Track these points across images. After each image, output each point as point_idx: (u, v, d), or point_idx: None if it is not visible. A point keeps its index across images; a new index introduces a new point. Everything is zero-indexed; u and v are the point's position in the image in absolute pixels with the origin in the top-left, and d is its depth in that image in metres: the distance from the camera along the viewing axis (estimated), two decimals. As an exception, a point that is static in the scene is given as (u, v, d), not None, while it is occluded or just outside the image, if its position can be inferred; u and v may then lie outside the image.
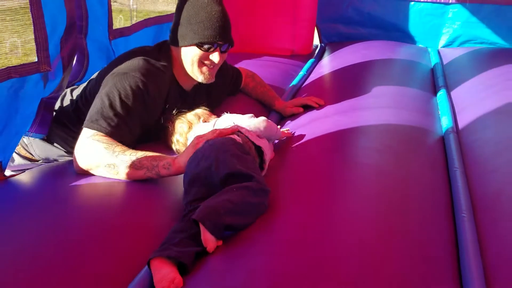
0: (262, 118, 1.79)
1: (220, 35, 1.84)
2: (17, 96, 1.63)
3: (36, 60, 1.68)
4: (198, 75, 1.89)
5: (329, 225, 1.37)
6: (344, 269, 1.19)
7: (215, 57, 1.87)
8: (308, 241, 1.29)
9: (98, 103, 1.71)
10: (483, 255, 1.31)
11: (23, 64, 1.64)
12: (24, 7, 1.68)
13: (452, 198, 1.60)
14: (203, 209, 1.28)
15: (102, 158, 1.59)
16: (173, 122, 1.83)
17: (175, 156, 1.61)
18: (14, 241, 1.28)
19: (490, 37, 3.56)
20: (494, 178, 1.64)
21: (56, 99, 1.97)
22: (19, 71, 1.61)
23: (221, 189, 1.38)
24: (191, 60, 1.86)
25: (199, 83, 1.96)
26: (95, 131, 1.65)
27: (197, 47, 1.83)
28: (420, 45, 3.74)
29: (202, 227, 1.25)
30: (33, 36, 1.68)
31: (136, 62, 1.79)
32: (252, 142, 1.61)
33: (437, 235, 1.41)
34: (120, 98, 1.70)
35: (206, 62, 1.87)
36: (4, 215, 1.42)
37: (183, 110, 1.87)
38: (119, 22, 2.55)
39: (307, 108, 2.30)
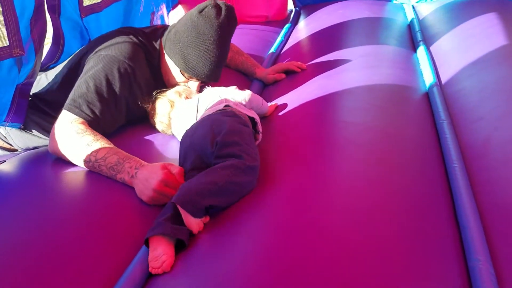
0: (248, 91, 1.75)
1: (208, 77, 1.78)
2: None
3: (8, 44, 1.61)
4: (169, 86, 1.84)
5: (322, 187, 1.37)
6: (341, 230, 1.19)
7: (193, 86, 1.81)
8: (302, 205, 1.29)
9: (83, 85, 1.63)
10: (478, 202, 1.33)
11: (-6, 49, 1.58)
12: None
13: (442, 150, 1.61)
14: (184, 193, 1.24)
15: (71, 146, 1.52)
16: (153, 103, 1.77)
17: (136, 170, 1.43)
18: None
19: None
20: (481, 126, 1.65)
21: (31, 85, 1.89)
22: (-9, 56, 1.55)
23: (213, 159, 1.36)
24: (170, 73, 1.81)
25: None
26: (76, 116, 1.58)
27: (181, 73, 1.79)
28: (395, 2, 3.71)
29: (182, 211, 1.23)
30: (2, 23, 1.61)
31: (125, 45, 1.71)
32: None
33: (430, 187, 1.43)
34: (107, 82, 1.63)
35: (182, 83, 1.83)
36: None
37: (162, 89, 1.81)
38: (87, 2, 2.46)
39: (289, 73, 2.28)
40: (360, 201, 1.31)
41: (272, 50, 2.77)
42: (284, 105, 1.91)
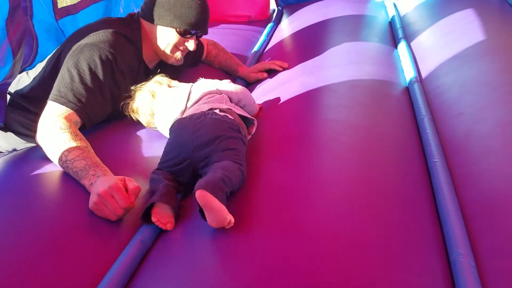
0: (241, 86, 1.77)
1: (201, 26, 1.81)
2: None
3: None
4: (169, 57, 1.85)
5: (304, 184, 1.37)
6: (323, 226, 1.19)
7: (191, 44, 1.83)
8: (284, 202, 1.29)
9: (66, 76, 1.62)
10: (459, 196, 1.34)
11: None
12: None
13: (423, 145, 1.62)
14: (209, 182, 1.21)
15: (49, 141, 1.50)
16: (133, 96, 1.76)
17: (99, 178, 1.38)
18: None
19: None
20: (462, 121, 1.66)
21: (9, 85, 1.86)
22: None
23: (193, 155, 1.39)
24: (165, 42, 1.81)
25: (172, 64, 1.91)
26: (64, 107, 1.57)
27: (176, 32, 1.78)
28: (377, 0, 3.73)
29: (214, 200, 1.16)
30: None
31: (104, 33, 1.71)
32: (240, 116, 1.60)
33: (410, 182, 1.43)
34: (90, 70, 1.63)
35: (181, 47, 1.82)
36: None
37: (141, 83, 1.79)
38: (65, 1, 2.42)
39: (271, 72, 2.27)
40: (341, 197, 1.31)
41: (255, 49, 2.77)
42: (268, 101, 1.91)
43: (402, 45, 2.54)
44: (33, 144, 1.90)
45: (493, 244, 1.14)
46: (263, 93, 2.07)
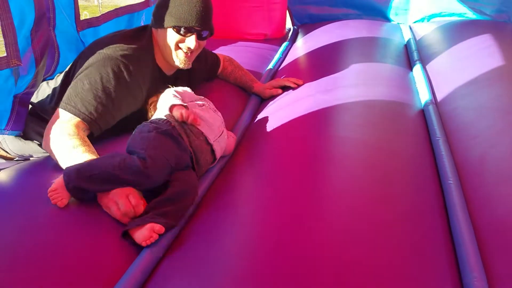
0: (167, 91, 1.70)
1: (198, 21, 1.80)
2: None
3: (5, 54, 1.62)
4: (174, 59, 1.86)
5: (316, 199, 1.37)
6: (335, 244, 1.19)
7: (190, 42, 1.82)
8: (297, 219, 1.29)
9: (78, 85, 1.65)
10: (473, 219, 1.32)
11: (-7, 59, 1.58)
12: None
13: (437, 167, 1.61)
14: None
15: (58, 146, 1.53)
16: (154, 103, 1.76)
17: None
18: None
19: (460, 10, 3.59)
20: (476, 144, 1.66)
21: (31, 94, 1.90)
22: (-11, 66, 1.56)
23: None
24: (167, 43, 1.82)
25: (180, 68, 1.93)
26: (72, 115, 1.60)
27: (174, 30, 1.80)
28: (393, 22, 3.76)
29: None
30: None
31: (117, 44, 1.74)
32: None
33: (425, 204, 1.43)
34: (102, 81, 1.65)
35: (181, 46, 1.84)
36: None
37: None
38: (85, 17, 2.48)
39: (286, 88, 2.29)
40: (355, 216, 1.30)
41: (270, 66, 2.79)
42: (282, 117, 1.91)
43: (417, 68, 2.55)
44: (44, 153, 1.92)
45: (507, 268, 1.12)
46: (277, 109, 2.08)
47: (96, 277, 1.15)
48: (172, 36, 1.81)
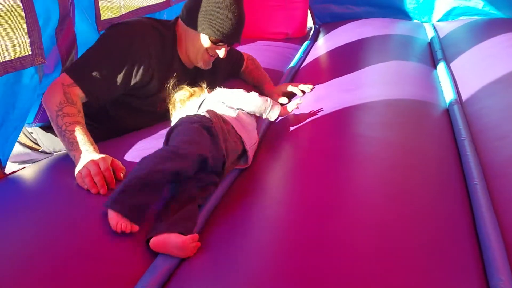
0: (253, 93, 1.77)
1: (233, 37, 1.85)
2: (14, 91, 1.60)
3: (30, 53, 1.63)
4: (198, 61, 1.88)
5: (340, 201, 1.36)
6: (360, 246, 1.17)
7: (221, 52, 1.87)
8: (320, 218, 1.27)
9: (86, 54, 1.74)
10: (499, 221, 1.29)
11: (18, 58, 1.59)
12: (9, 11, 1.64)
13: (463, 168, 1.58)
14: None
15: (55, 108, 1.61)
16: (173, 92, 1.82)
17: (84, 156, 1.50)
18: (12, 245, 1.21)
19: (484, 8, 3.53)
20: (503, 145, 1.62)
21: None
22: (15, 65, 1.57)
23: None
24: (197, 47, 1.86)
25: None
26: (72, 80, 1.67)
27: (209, 39, 1.83)
28: (416, 21, 3.71)
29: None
30: (21, 39, 1.64)
31: (132, 22, 1.82)
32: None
33: (449, 205, 1.39)
34: (108, 51, 1.73)
35: (211, 54, 1.86)
36: (3, 217, 1.36)
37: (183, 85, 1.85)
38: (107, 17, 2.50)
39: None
40: (379, 217, 1.28)
41: (291, 65, 2.78)
42: (304, 116, 1.90)
43: (441, 67, 2.50)
44: None
45: (536, 272, 1.09)
46: (299, 109, 2.06)
47: (115, 279, 1.15)
48: (204, 42, 1.84)
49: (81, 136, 1.55)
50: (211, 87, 1.87)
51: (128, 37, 1.76)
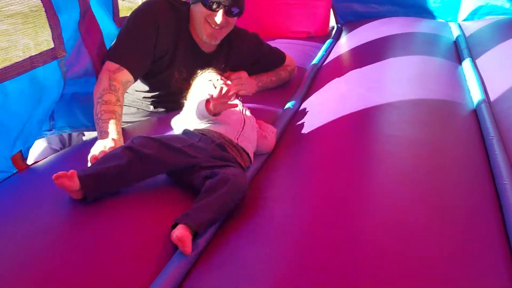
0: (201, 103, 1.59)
1: None
2: (40, 86, 1.61)
3: (53, 46, 1.64)
4: (202, 32, 1.91)
5: (362, 199, 1.33)
6: (382, 245, 1.14)
7: (217, 17, 1.86)
8: (341, 216, 1.25)
9: (117, 38, 1.87)
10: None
11: (42, 52, 1.61)
12: (34, 11, 1.65)
13: (491, 167, 1.53)
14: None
15: (98, 96, 1.70)
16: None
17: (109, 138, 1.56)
18: (26, 238, 1.21)
19: (509, 7, 3.45)
20: (534, 144, 1.56)
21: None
22: (40, 60, 1.58)
23: None
24: (197, 18, 1.89)
25: (219, 46, 1.98)
26: (109, 61, 1.79)
27: (202, 4, 1.85)
28: (440, 20, 3.64)
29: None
30: (45, 38, 1.65)
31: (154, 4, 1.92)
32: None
33: (477, 204, 1.35)
34: (132, 28, 1.84)
35: (209, 20, 1.86)
36: (21, 207, 1.36)
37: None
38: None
39: (330, 83, 2.21)
40: (403, 216, 1.25)
41: (314, 62, 2.75)
42: (327, 113, 1.86)
43: (467, 65, 2.44)
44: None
45: None
46: (320, 105, 2.04)
47: (133, 274, 1.13)
48: (201, 11, 1.87)
49: (112, 126, 1.60)
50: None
51: (147, 13, 1.87)
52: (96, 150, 1.48)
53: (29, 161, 1.69)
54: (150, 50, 1.87)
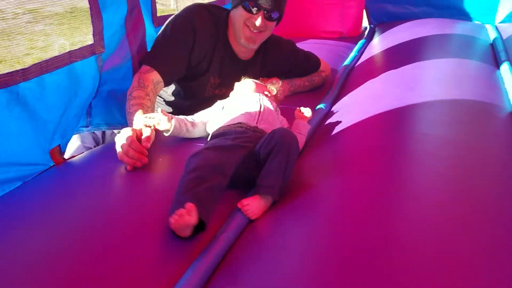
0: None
1: (266, 1, 1.84)
2: (77, 80, 1.64)
3: (93, 42, 1.68)
4: (241, 36, 1.92)
5: (398, 196, 1.30)
6: (419, 245, 1.11)
7: (257, 20, 1.87)
8: (376, 214, 1.23)
9: (154, 42, 1.91)
10: None
11: (81, 48, 1.65)
12: (70, 12, 1.69)
13: (532, 170, 1.49)
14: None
15: (129, 92, 1.75)
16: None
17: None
18: (59, 231, 1.24)
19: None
20: None
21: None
22: (78, 55, 1.62)
23: None
24: (237, 21, 1.90)
25: (255, 54, 1.98)
26: (144, 65, 1.82)
27: (243, 7, 1.86)
28: (476, 22, 3.56)
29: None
30: (80, 39, 1.69)
31: (189, 5, 1.95)
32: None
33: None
34: (169, 34, 1.87)
35: (248, 24, 1.85)
36: (56, 201, 1.39)
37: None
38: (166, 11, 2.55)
39: (363, 83, 2.20)
40: (439, 216, 1.22)
41: (346, 62, 2.73)
42: (361, 113, 1.84)
43: (505, 68, 2.38)
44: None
45: None
46: (354, 104, 2.02)
47: (159, 272, 1.14)
48: (240, 14, 1.88)
49: (138, 117, 1.63)
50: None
51: (185, 19, 1.88)
52: (120, 141, 1.51)
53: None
54: (185, 56, 1.89)
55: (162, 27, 1.96)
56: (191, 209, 1.15)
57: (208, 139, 1.57)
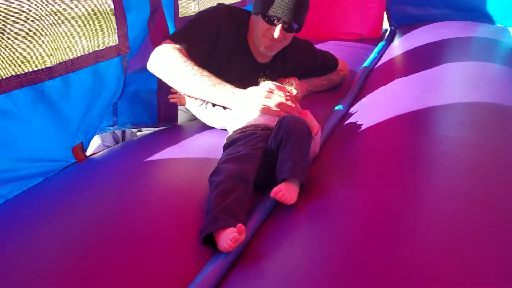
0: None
1: (286, 12, 1.84)
2: (102, 79, 1.68)
3: (118, 42, 1.71)
4: (260, 44, 1.95)
5: (416, 198, 1.30)
6: (438, 247, 1.11)
7: (275, 32, 1.88)
8: (393, 213, 1.22)
9: (184, 26, 1.94)
10: None
11: (107, 48, 1.68)
12: (93, 14, 1.71)
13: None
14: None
15: (174, 65, 1.75)
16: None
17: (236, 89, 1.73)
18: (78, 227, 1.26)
19: None
20: None
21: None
22: (104, 55, 1.65)
23: None
24: (257, 30, 1.92)
25: (274, 57, 2.00)
26: (175, 43, 1.83)
27: (263, 17, 1.87)
28: (499, 25, 3.51)
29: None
30: (103, 40, 1.72)
31: (215, 5, 1.99)
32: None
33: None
34: (195, 22, 1.91)
35: (266, 34, 1.87)
36: (77, 196, 1.42)
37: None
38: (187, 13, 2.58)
39: (383, 83, 2.19)
40: (459, 218, 1.21)
41: (365, 64, 2.72)
42: (379, 114, 1.84)
43: (528, 71, 2.35)
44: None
45: None
46: (373, 106, 2.02)
47: (172, 275, 1.15)
48: (261, 24, 1.89)
49: (217, 79, 1.74)
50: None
51: (211, 15, 1.93)
52: (274, 100, 1.62)
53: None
54: (209, 43, 1.92)
55: (192, 17, 2.00)
56: (242, 230, 1.17)
57: (224, 146, 1.58)
